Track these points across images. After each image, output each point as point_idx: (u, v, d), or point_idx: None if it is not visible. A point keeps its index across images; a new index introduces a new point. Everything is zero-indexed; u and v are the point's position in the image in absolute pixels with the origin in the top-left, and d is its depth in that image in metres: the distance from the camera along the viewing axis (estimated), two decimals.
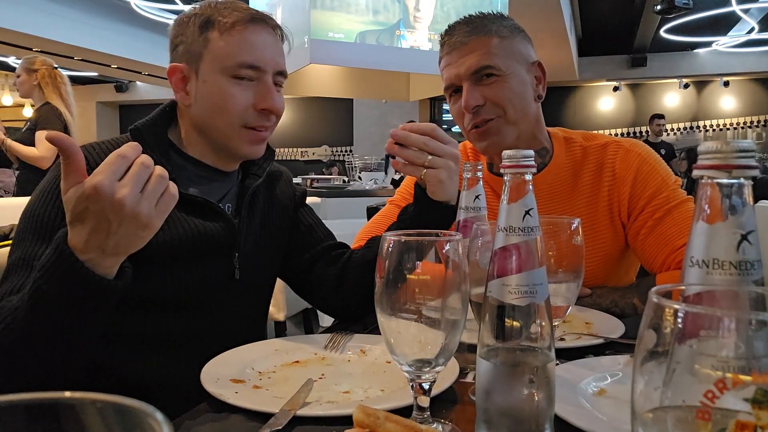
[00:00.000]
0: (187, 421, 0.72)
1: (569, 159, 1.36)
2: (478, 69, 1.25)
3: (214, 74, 1.04)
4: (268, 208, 1.20)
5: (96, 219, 0.76)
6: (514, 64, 1.28)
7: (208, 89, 1.05)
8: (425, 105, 11.38)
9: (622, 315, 1.13)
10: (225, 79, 1.04)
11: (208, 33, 1.04)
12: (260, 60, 1.05)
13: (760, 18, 8.48)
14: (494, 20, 1.30)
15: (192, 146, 1.10)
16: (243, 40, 1.04)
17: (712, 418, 0.34)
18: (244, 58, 1.03)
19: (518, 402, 0.56)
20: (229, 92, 1.04)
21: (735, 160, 0.47)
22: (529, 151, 0.58)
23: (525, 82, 1.29)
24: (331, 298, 1.20)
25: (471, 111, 1.27)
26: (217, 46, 1.04)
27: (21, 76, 3.54)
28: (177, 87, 1.08)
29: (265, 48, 1.06)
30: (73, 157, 0.76)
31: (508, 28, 1.30)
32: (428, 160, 1.04)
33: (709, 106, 11.36)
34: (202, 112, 1.07)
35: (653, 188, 1.28)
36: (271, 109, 1.06)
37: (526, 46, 1.32)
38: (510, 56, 1.27)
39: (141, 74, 10.90)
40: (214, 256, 1.07)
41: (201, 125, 1.08)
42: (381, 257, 0.64)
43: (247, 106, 1.05)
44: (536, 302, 0.56)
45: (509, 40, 1.28)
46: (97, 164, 0.98)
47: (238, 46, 1.04)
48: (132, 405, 0.26)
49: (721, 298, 0.44)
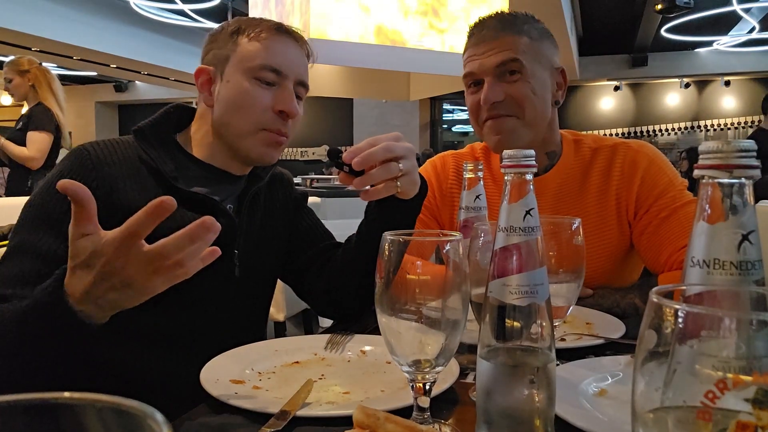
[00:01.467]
0: (187, 421, 0.72)
1: (578, 160, 1.37)
2: (505, 62, 1.25)
3: (237, 75, 1.07)
4: (269, 210, 1.21)
5: (102, 275, 0.74)
6: (539, 67, 1.28)
7: (230, 88, 1.07)
8: (425, 104, 11.39)
9: (624, 315, 1.13)
10: (247, 80, 1.06)
11: (238, 37, 1.08)
12: (282, 65, 1.08)
13: (760, 17, 8.48)
14: (526, 21, 1.30)
15: (205, 150, 1.11)
16: (268, 44, 1.08)
17: (713, 418, 0.34)
18: (268, 60, 1.06)
19: (519, 402, 0.56)
20: (249, 92, 1.06)
21: (736, 159, 0.47)
22: (529, 151, 0.58)
23: (546, 85, 1.30)
24: (324, 302, 1.21)
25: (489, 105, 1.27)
26: (244, 49, 1.07)
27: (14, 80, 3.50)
28: (202, 88, 1.11)
29: (289, 55, 1.10)
30: (86, 206, 0.73)
31: (538, 31, 1.30)
32: (399, 168, 0.96)
33: (709, 106, 11.36)
34: (222, 112, 1.08)
35: (660, 188, 1.29)
36: (289, 112, 1.08)
37: (552, 51, 1.33)
38: (536, 59, 1.27)
39: (140, 74, 10.90)
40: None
41: (219, 126, 1.09)
42: (381, 257, 0.64)
43: (266, 108, 1.06)
44: (537, 302, 0.56)
45: (538, 43, 1.28)
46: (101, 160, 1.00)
47: (263, 50, 1.07)
48: (131, 406, 0.26)
49: (721, 298, 0.44)
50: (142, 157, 1.04)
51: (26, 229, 0.95)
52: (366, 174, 0.94)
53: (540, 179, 1.35)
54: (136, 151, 1.05)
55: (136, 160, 1.04)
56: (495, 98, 1.25)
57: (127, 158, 1.03)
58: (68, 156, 1.03)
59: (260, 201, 1.18)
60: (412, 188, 1.01)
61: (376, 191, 0.96)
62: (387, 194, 0.98)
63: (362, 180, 0.94)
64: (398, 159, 0.96)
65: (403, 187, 0.98)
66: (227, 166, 1.12)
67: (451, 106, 12.88)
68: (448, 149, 1.65)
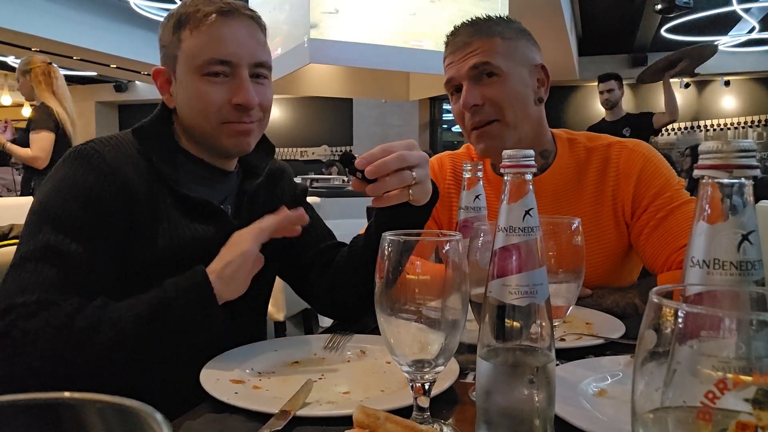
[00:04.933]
0: (187, 421, 0.72)
1: (573, 159, 1.37)
2: (478, 65, 1.26)
3: (188, 75, 1.03)
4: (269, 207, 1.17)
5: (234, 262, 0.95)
6: (515, 65, 1.28)
7: (185, 90, 1.05)
8: (425, 104, 11.37)
9: (623, 315, 1.13)
10: (198, 78, 1.02)
11: (181, 32, 1.03)
12: (231, 54, 1.01)
13: (760, 17, 8.47)
14: (499, 23, 1.31)
15: (191, 146, 1.10)
16: (212, 35, 1.01)
17: (713, 418, 0.34)
18: (213, 54, 1.01)
19: (518, 402, 0.56)
20: (202, 91, 1.02)
21: (736, 159, 0.47)
22: (529, 151, 0.58)
23: (525, 83, 1.30)
24: (326, 302, 1.20)
25: (470, 109, 1.27)
26: (188, 46, 1.02)
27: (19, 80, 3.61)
28: (162, 90, 1.09)
29: (238, 40, 1.02)
30: None
31: (513, 31, 1.31)
32: (413, 177, 0.94)
33: (709, 106, 11.35)
34: (184, 114, 1.07)
35: (657, 188, 1.28)
36: (245, 104, 1.03)
37: (531, 48, 1.33)
38: (511, 57, 1.28)
39: (140, 74, 10.89)
40: (213, 256, 1.06)
41: (186, 126, 1.08)
42: (381, 257, 0.64)
43: (223, 103, 1.03)
44: (536, 302, 0.56)
45: (513, 42, 1.29)
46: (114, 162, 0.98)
47: (207, 42, 1.01)
48: (132, 406, 0.26)
49: (721, 298, 0.44)
50: (144, 156, 1.03)
51: (47, 232, 0.90)
52: (379, 182, 0.93)
53: (536, 179, 1.35)
54: (138, 149, 1.03)
55: (140, 159, 1.02)
56: (473, 101, 1.26)
57: (132, 158, 1.01)
58: (76, 157, 0.98)
59: (259, 199, 1.17)
60: (425, 196, 0.99)
61: (388, 199, 0.95)
62: (399, 202, 0.97)
63: (375, 188, 0.93)
64: (412, 168, 0.94)
65: (416, 195, 0.96)
66: (213, 162, 1.11)
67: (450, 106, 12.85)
68: (447, 149, 1.65)
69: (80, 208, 0.93)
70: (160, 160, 1.03)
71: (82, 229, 0.92)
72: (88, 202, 0.94)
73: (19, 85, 3.63)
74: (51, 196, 0.95)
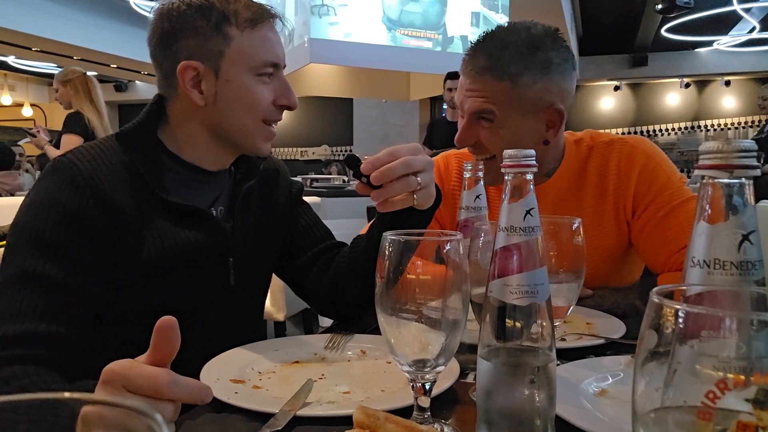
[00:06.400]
0: (187, 421, 0.72)
1: (577, 159, 1.36)
2: (476, 112, 1.23)
3: (240, 73, 1.01)
4: (264, 208, 1.16)
5: None
6: (518, 115, 1.21)
7: (235, 88, 1.02)
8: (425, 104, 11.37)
9: (624, 316, 1.13)
10: (252, 78, 1.02)
11: (227, 29, 1.00)
12: (278, 57, 1.05)
13: (761, 17, 8.47)
14: (522, 58, 1.18)
15: (187, 147, 1.06)
16: (263, 37, 1.03)
17: (714, 418, 0.34)
18: (269, 57, 1.03)
19: (519, 402, 0.56)
20: (257, 91, 1.03)
21: (736, 159, 0.47)
22: (530, 151, 0.58)
23: (525, 131, 1.23)
24: (326, 302, 1.19)
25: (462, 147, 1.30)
26: (242, 45, 1.01)
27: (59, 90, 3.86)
28: (190, 86, 1.01)
29: (278, 44, 1.06)
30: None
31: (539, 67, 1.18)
32: (418, 182, 0.94)
33: (710, 106, 11.36)
34: (225, 112, 1.03)
35: (658, 185, 1.28)
36: (292, 106, 1.07)
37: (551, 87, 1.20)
38: (516, 106, 1.20)
39: (140, 74, 10.90)
40: (207, 265, 1.04)
41: (218, 125, 1.04)
42: (382, 257, 0.64)
43: (269, 104, 1.05)
44: (537, 302, 0.56)
45: (526, 89, 1.19)
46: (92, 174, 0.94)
47: (262, 44, 1.02)
48: (132, 405, 0.26)
49: (722, 298, 0.44)
50: (126, 164, 0.98)
51: (22, 256, 0.88)
52: (385, 187, 0.92)
53: (545, 184, 1.34)
54: (120, 156, 0.99)
55: (121, 167, 0.98)
56: (466, 143, 1.26)
57: (113, 166, 0.97)
58: (53, 171, 0.94)
59: (253, 199, 1.14)
60: (429, 201, 0.99)
61: (392, 203, 0.94)
62: (403, 206, 0.96)
63: (380, 193, 0.93)
64: (417, 173, 0.93)
65: (420, 200, 0.96)
66: (211, 164, 1.08)
67: None
68: None
69: (58, 225, 0.90)
70: (145, 166, 0.99)
71: (60, 248, 0.89)
72: (66, 219, 0.90)
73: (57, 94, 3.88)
74: (28, 215, 0.92)
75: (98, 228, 0.93)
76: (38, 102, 13.28)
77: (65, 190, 0.92)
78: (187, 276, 1.01)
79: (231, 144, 1.07)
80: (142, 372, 0.61)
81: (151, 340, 0.62)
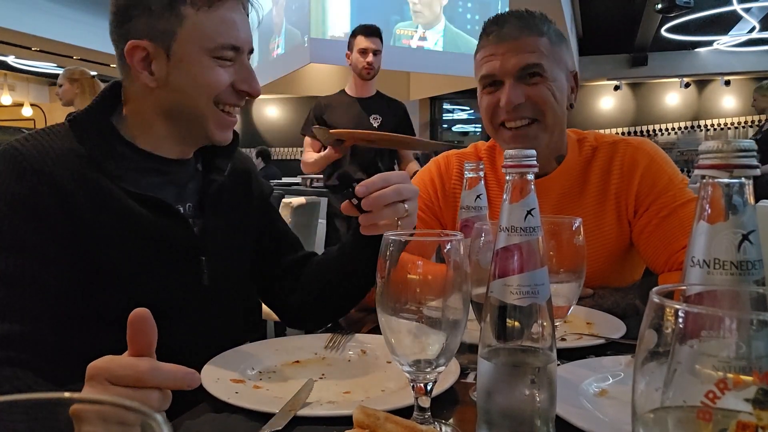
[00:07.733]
0: (187, 421, 0.72)
1: (580, 158, 1.37)
2: (527, 66, 1.23)
3: (194, 54, 0.96)
4: (235, 208, 1.12)
5: None
6: (558, 70, 1.27)
7: (187, 69, 0.96)
8: (425, 104, 11.37)
9: (624, 316, 1.13)
10: (207, 60, 0.96)
11: (180, 8, 0.94)
12: (239, 40, 0.98)
13: (761, 17, 8.47)
14: (544, 21, 1.28)
15: (143, 133, 1.01)
16: (222, 18, 0.96)
17: (713, 418, 0.34)
18: (226, 39, 0.97)
19: (519, 402, 0.56)
20: (212, 73, 0.97)
21: (736, 159, 0.47)
22: (531, 151, 0.58)
23: (564, 89, 1.28)
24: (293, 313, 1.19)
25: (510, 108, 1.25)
26: (194, 23, 0.95)
27: (63, 86, 3.76)
28: (140, 67, 0.96)
29: (242, 26, 1.00)
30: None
31: (556, 34, 1.28)
32: (405, 210, 0.96)
33: (710, 106, 11.35)
34: (176, 93, 0.98)
35: (660, 186, 1.28)
36: (253, 93, 1.01)
37: (568, 54, 1.32)
38: (556, 61, 1.26)
39: None
40: (175, 261, 0.99)
41: (170, 108, 0.99)
42: (382, 257, 0.64)
43: (226, 88, 0.99)
44: (538, 302, 0.56)
45: (557, 46, 1.27)
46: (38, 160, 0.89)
47: (219, 25, 0.96)
48: (131, 405, 0.26)
49: (722, 298, 0.44)
50: (76, 150, 0.93)
51: None
52: (374, 213, 0.95)
53: (545, 179, 1.34)
54: (71, 143, 0.94)
55: (71, 154, 0.93)
56: (518, 100, 1.23)
57: (62, 152, 0.92)
58: None
59: (224, 199, 1.09)
60: (411, 227, 1.00)
61: (377, 228, 0.96)
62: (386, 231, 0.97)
63: (368, 218, 0.96)
64: (405, 201, 0.96)
65: (404, 227, 0.97)
66: (170, 152, 1.03)
67: (450, 106, 12.84)
68: None
69: (6, 215, 0.86)
70: (96, 153, 0.94)
71: (12, 239, 0.85)
72: (14, 207, 0.87)
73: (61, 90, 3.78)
74: None
75: (49, 215, 0.88)
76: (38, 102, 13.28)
77: (10, 177, 0.88)
78: (158, 274, 0.97)
79: (186, 129, 1.02)
80: (122, 363, 0.61)
81: (127, 334, 0.63)
